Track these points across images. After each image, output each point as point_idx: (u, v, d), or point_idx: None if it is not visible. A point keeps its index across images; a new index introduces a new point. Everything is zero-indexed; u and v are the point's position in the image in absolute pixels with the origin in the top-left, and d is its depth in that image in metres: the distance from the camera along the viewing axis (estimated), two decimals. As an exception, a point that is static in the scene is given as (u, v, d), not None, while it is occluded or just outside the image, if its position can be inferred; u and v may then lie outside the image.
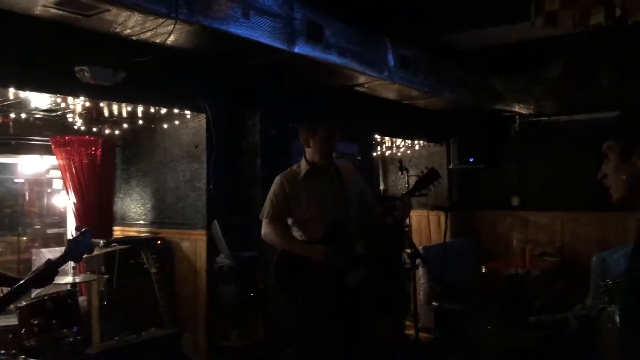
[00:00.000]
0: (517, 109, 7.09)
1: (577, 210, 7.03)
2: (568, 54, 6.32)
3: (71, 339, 3.44)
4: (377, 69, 5.13)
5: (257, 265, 4.67)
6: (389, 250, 5.60)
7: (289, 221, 3.42)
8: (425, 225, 7.23)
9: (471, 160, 7.67)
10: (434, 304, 5.73)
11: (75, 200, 5.28)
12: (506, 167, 7.70)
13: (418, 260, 3.38)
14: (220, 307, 4.62)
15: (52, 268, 2.60)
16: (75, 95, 4.01)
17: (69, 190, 5.30)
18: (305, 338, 3.36)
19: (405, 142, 7.75)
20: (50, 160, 5.37)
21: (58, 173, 5.27)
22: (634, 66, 6.09)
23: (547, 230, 7.40)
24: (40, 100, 4.37)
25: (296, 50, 4.25)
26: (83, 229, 2.58)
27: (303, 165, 3.42)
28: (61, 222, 6.09)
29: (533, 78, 6.70)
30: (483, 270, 6.48)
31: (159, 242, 4.85)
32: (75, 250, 2.50)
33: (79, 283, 4.33)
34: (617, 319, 4.33)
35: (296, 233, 3.41)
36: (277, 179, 3.44)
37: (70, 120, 4.84)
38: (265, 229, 3.38)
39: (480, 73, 6.78)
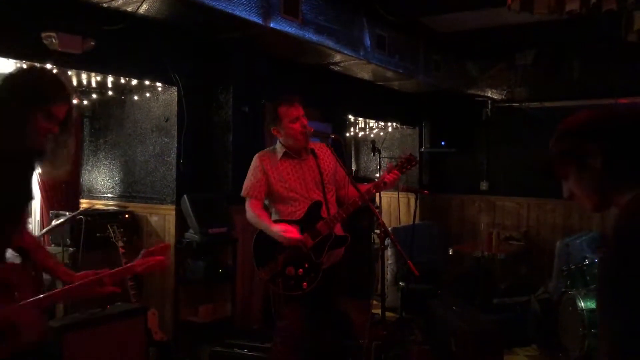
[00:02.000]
0: (489, 94, 7.15)
1: (543, 197, 7.16)
2: (541, 42, 6.39)
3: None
4: (353, 48, 5.11)
5: (226, 242, 4.65)
6: (357, 235, 5.64)
7: (267, 201, 3.43)
8: (395, 206, 7.28)
9: (442, 143, 7.74)
10: (400, 284, 5.80)
11: (39, 171, 5.15)
12: (476, 152, 7.79)
13: (387, 241, 3.39)
14: (188, 283, 4.60)
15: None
16: (43, 62, 3.87)
17: (35, 161, 5.17)
18: (277, 316, 3.37)
19: (378, 124, 7.77)
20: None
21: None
22: (604, 57, 6.20)
23: (513, 215, 7.53)
24: (5, 67, 4.23)
25: (272, 25, 4.19)
26: (162, 245, 2.43)
27: (279, 147, 3.43)
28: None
29: (506, 64, 6.76)
30: (450, 253, 6.57)
31: (126, 215, 4.78)
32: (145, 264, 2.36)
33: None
34: (578, 302, 4.45)
35: (275, 213, 3.43)
36: (255, 158, 3.46)
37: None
38: (248, 208, 3.39)
39: (455, 57, 6.81)
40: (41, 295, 2.01)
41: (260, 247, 3.33)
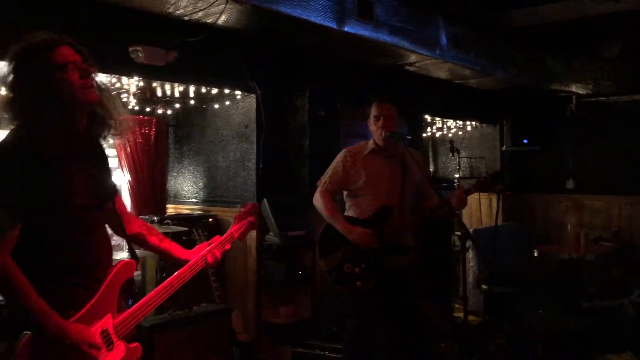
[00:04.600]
0: (573, 88, 6.85)
1: (636, 194, 6.77)
2: (627, 32, 6.05)
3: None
4: (429, 48, 5.05)
5: (305, 244, 4.72)
6: (437, 238, 5.55)
7: (344, 194, 3.46)
8: (476, 207, 7.11)
9: (525, 141, 7.49)
10: (483, 287, 5.65)
11: (130, 179, 5.44)
12: (561, 149, 7.46)
13: (468, 243, 3.33)
14: (269, 285, 4.69)
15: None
16: (130, 75, 4.10)
17: (124, 169, 5.45)
18: (348, 315, 3.40)
19: (456, 123, 7.62)
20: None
21: (113, 152, 5.44)
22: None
23: (603, 214, 7.16)
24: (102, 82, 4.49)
25: (346, 29, 4.22)
26: (251, 204, 2.44)
27: (370, 143, 3.43)
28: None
29: (591, 57, 6.45)
30: (535, 254, 6.34)
31: (210, 219, 4.95)
32: (242, 226, 2.35)
33: (139, 259, 4.45)
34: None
35: (348, 207, 3.45)
36: (342, 152, 3.49)
37: (124, 100, 4.97)
38: (317, 196, 3.43)
39: (536, 52, 6.57)
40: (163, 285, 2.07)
41: (324, 239, 3.38)
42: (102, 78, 4.20)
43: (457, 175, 7.01)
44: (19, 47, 1.84)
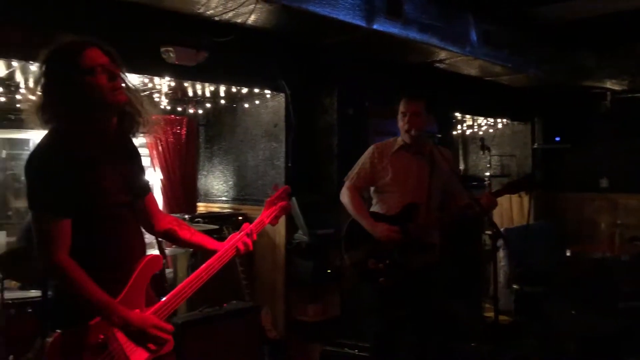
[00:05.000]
0: (608, 85, 6.71)
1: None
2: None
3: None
4: (459, 45, 5.00)
5: (333, 243, 4.72)
6: (467, 237, 5.50)
7: (371, 190, 3.46)
8: (507, 206, 7.02)
9: (557, 139, 7.36)
10: (514, 286, 5.58)
11: (161, 177, 5.52)
12: (595, 147, 7.31)
13: (499, 242, 3.28)
14: (298, 283, 4.72)
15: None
16: (161, 75, 4.16)
17: (156, 168, 5.54)
18: (370, 312, 3.41)
19: (487, 121, 7.53)
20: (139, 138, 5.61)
21: (145, 151, 5.53)
22: None
23: (638, 213, 7.00)
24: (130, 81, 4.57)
25: (375, 27, 4.21)
26: (282, 187, 2.36)
27: (398, 140, 3.42)
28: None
29: (626, 53, 6.31)
30: (567, 254, 6.23)
31: (240, 217, 5.00)
32: (275, 210, 2.30)
33: (166, 256, 4.54)
34: None
35: (375, 203, 3.45)
36: (370, 147, 3.48)
37: (156, 100, 5.04)
38: (344, 191, 3.43)
39: (569, 48, 6.45)
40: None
41: (350, 234, 3.37)
42: (134, 78, 4.27)
43: (487, 174, 6.93)
44: (49, 50, 1.89)
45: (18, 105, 4.56)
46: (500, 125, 7.69)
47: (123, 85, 1.95)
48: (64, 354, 1.75)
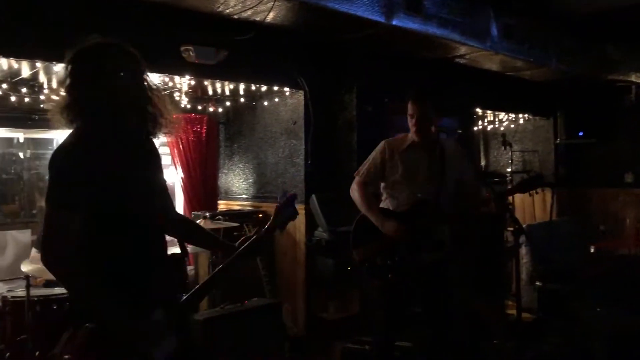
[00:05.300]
0: (633, 78, 6.58)
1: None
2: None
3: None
4: (479, 40, 4.95)
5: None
6: (488, 234, 5.45)
7: (381, 185, 3.45)
8: (529, 202, 6.94)
9: (580, 134, 7.25)
10: (537, 283, 5.51)
11: (182, 175, 5.57)
12: (619, 142, 7.18)
13: (522, 239, 3.25)
14: (318, 280, 4.72)
15: (266, 239, 2.34)
16: (181, 74, 4.19)
17: (177, 166, 5.59)
18: (377, 308, 3.42)
19: (508, 116, 7.45)
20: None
21: (166, 150, 5.58)
22: None
23: (665, 208, 6.87)
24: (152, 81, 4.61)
25: (394, 22, 4.18)
26: (288, 195, 2.43)
27: (409, 136, 3.41)
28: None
29: (652, 45, 6.19)
30: (592, 251, 6.14)
31: (260, 215, 5.02)
32: (281, 217, 2.36)
33: (188, 253, 4.56)
34: None
35: (384, 199, 3.44)
36: (381, 143, 3.48)
37: (177, 98, 5.08)
38: (353, 186, 3.43)
39: (593, 41, 6.34)
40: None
41: (359, 229, 3.37)
42: (154, 77, 4.31)
43: (509, 170, 6.86)
44: (75, 51, 1.91)
45: (42, 106, 4.64)
46: (521, 121, 7.60)
47: (146, 85, 1.98)
48: (94, 348, 1.78)
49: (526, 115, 7.43)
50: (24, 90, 4.40)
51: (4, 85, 4.26)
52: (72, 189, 1.80)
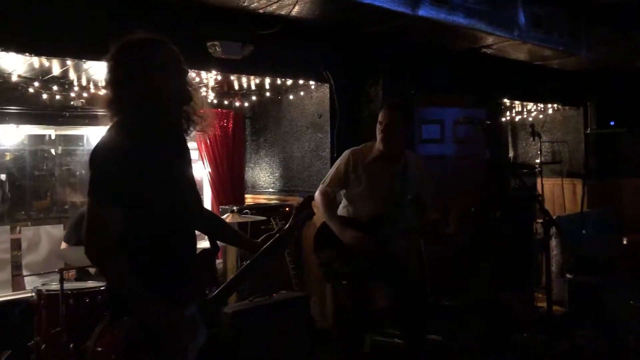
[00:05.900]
0: (666, 65, 6.42)
1: None
2: None
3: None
4: (507, 29, 4.87)
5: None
6: (518, 226, 5.40)
7: (342, 192, 3.52)
8: (559, 194, 6.83)
9: (612, 123, 7.10)
10: (568, 276, 5.43)
11: (210, 170, 5.62)
12: (652, 131, 7.03)
13: (552, 230, 3.21)
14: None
15: (286, 238, 2.32)
16: (208, 69, 4.22)
17: (205, 161, 5.64)
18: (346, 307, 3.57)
19: (537, 106, 7.33)
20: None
21: (194, 144, 5.63)
22: None
23: (700, 199, 6.70)
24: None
25: (420, 13, 4.14)
26: (306, 196, 2.48)
27: (375, 148, 3.44)
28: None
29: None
30: (625, 242, 6.02)
31: (287, 209, 5.04)
32: (299, 219, 2.37)
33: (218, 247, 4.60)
34: None
35: (345, 206, 3.51)
36: (345, 153, 3.53)
37: (203, 94, 5.12)
38: (317, 195, 3.47)
39: (624, 28, 6.19)
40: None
41: (320, 235, 3.44)
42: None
43: (537, 161, 6.76)
44: (118, 46, 1.92)
45: (72, 103, 4.72)
46: (550, 111, 7.47)
47: (187, 82, 2.00)
48: (134, 342, 1.82)
49: (555, 105, 7.30)
50: (54, 88, 4.48)
51: (36, 84, 4.35)
52: (116, 185, 1.82)
